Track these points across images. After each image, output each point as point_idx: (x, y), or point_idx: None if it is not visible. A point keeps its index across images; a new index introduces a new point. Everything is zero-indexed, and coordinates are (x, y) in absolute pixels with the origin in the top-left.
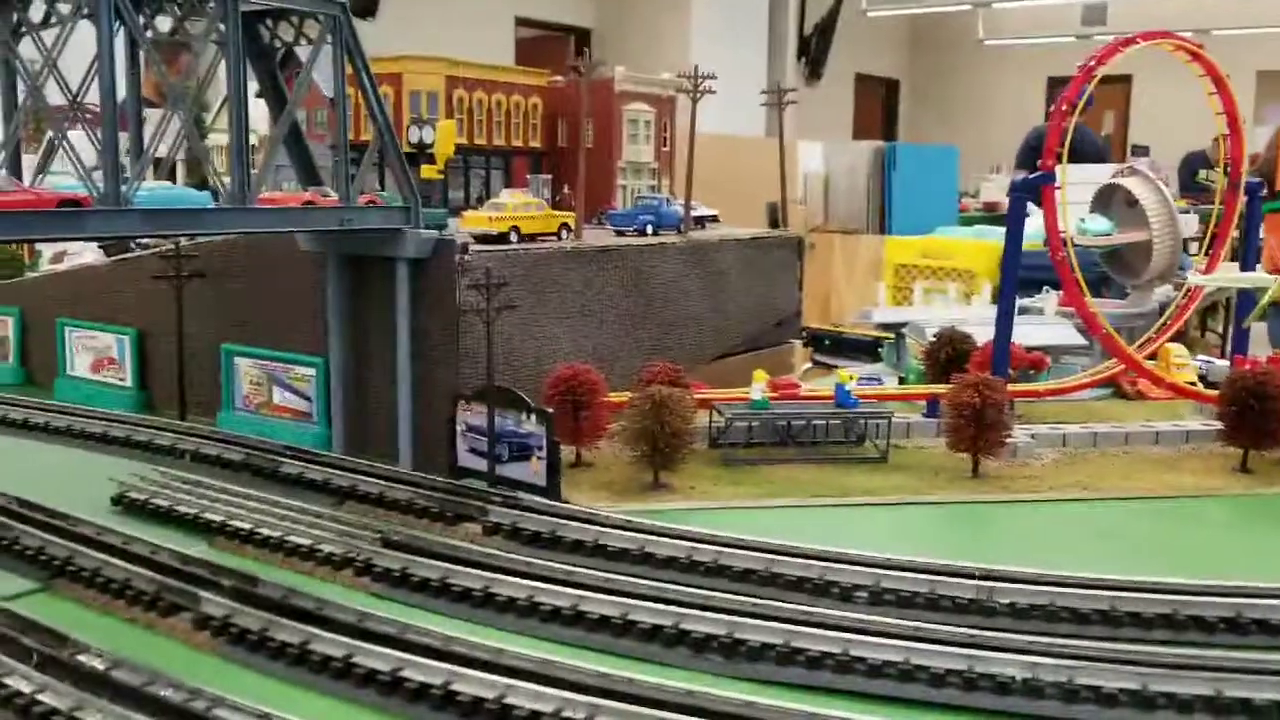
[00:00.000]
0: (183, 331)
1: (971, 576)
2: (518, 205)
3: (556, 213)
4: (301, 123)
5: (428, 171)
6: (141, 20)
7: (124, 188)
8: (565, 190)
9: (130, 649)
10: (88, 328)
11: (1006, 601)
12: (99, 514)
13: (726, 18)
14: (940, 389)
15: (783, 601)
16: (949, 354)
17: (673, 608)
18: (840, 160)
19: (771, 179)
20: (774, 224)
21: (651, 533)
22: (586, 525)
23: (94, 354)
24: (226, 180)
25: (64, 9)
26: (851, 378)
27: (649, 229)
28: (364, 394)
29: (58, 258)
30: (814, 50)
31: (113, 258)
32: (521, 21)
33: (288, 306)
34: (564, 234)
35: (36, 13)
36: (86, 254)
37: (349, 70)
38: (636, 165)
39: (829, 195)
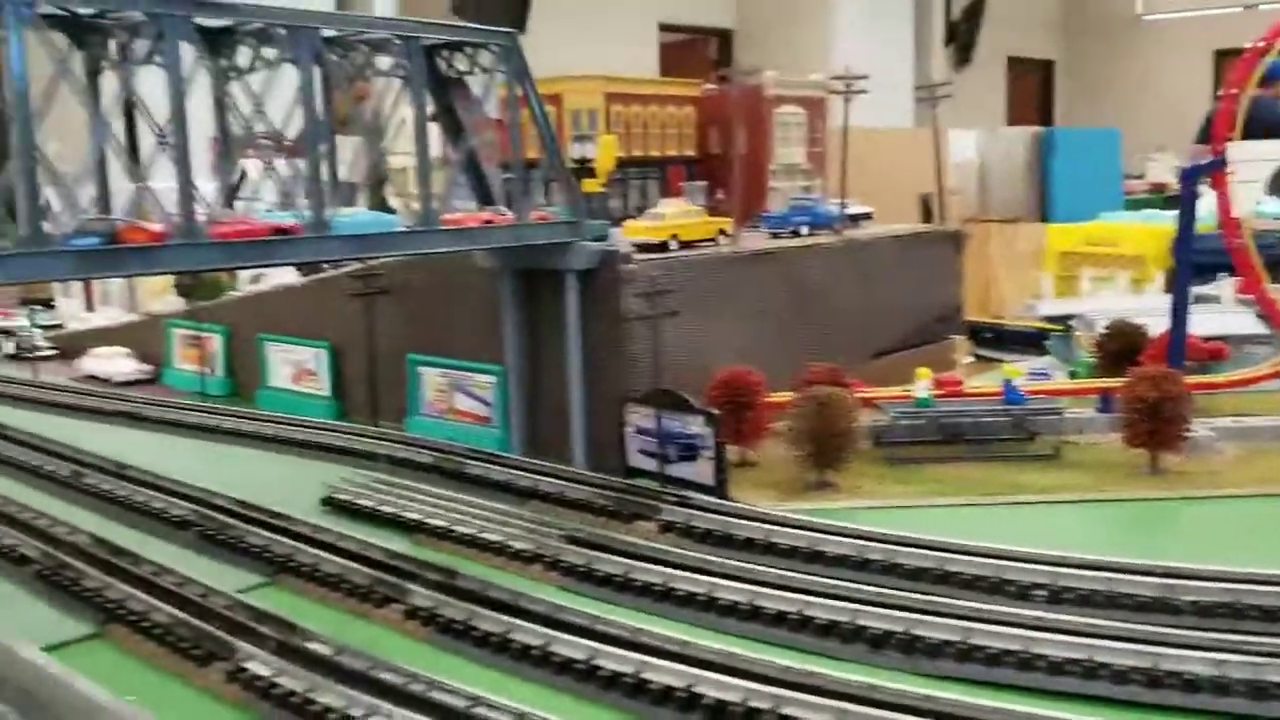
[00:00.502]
0: (373, 344)
1: (1152, 574)
2: (676, 214)
3: (713, 219)
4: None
5: (591, 185)
6: (334, 58)
7: (326, 215)
8: (719, 195)
9: (350, 637)
10: (286, 342)
11: (1190, 599)
12: (311, 514)
13: (871, 7)
14: (1113, 383)
15: (957, 599)
16: (1121, 346)
17: (848, 604)
18: (995, 148)
19: (923, 170)
20: (927, 215)
21: (822, 531)
22: (757, 524)
23: (293, 366)
24: (408, 200)
25: (269, 54)
26: (1021, 373)
27: (804, 230)
28: (539, 399)
29: (256, 278)
30: (962, 35)
31: (307, 277)
32: (665, 27)
33: (467, 318)
34: (721, 239)
35: (243, 58)
36: (283, 274)
37: (518, 94)
38: (789, 167)
39: (984, 184)
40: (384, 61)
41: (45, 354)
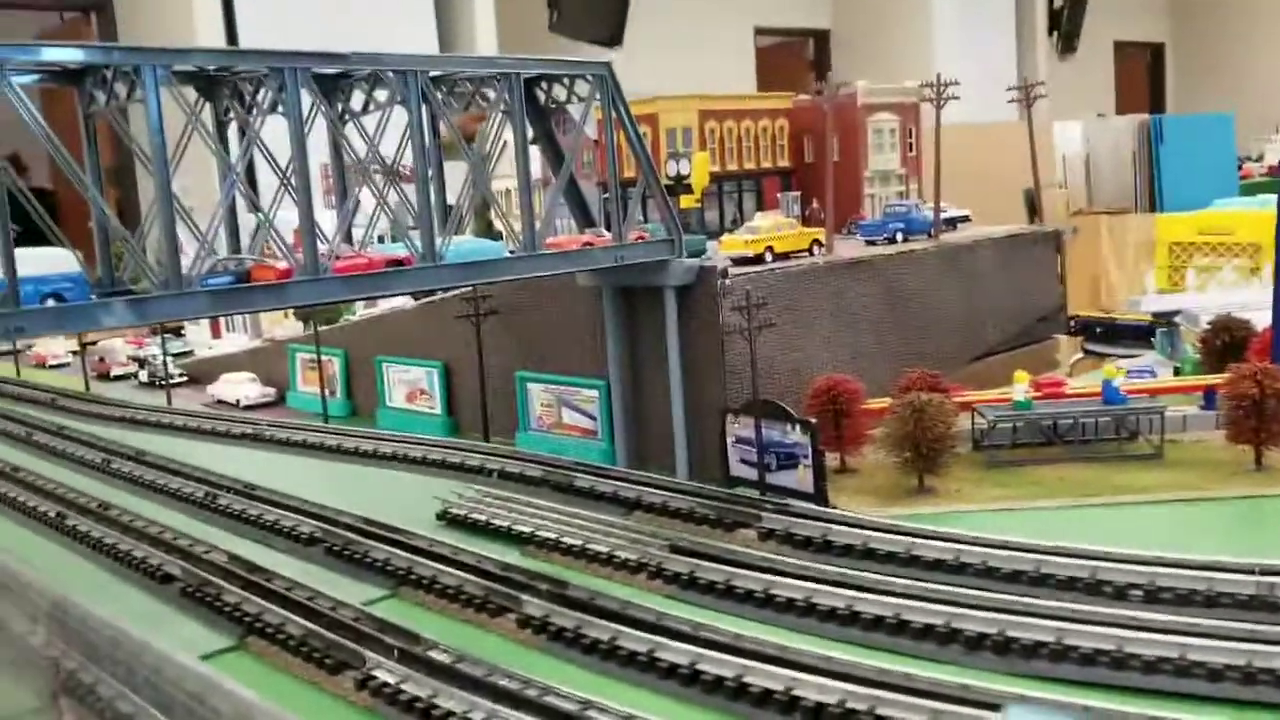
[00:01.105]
0: (483, 363)
1: (1251, 572)
2: (771, 226)
3: (808, 230)
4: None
5: (686, 201)
6: (440, 95)
7: (438, 245)
8: (814, 205)
9: (468, 645)
10: (402, 363)
11: None
12: (428, 528)
13: (970, 1)
14: (1216, 379)
15: (1054, 601)
16: (1226, 341)
17: (944, 607)
18: (1102, 139)
19: (1027, 164)
20: (1032, 210)
21: (919, 536)
22: (855, 530)
23: (407, 386)
24: (511, 223)
25: (381, 97)
26: (1120, 372)
27: (899, 236)
28: (642, 411)
29: (371, 303)
30: (1066, 22)
31: (419, 301)
32: (760, 31)
33: (571, 335)
34: (815, 250)
35: (356, 101)
36: (396, 299)
37: (612, 118)
38: (884, 173)
39: (1091, 176)
40: (487, 95)
41: (177, 381)
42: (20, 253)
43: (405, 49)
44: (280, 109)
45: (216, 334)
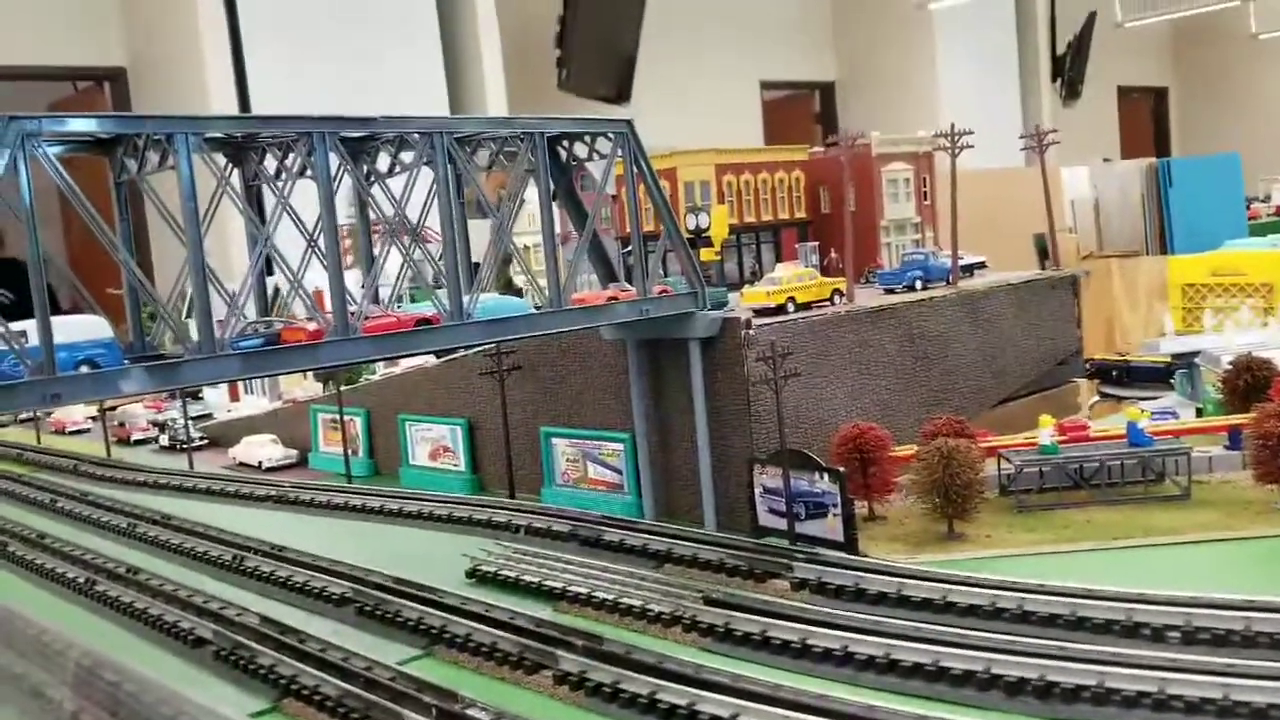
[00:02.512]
0: (507, 418)
1: None
2: (792, 277)
3: (828, 280)
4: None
5: (706, 255)
6: (464, 155)
7: (466, 303)
8: (832, 255)
9: (505, 702)
10: (424, 421)
11: None
12: (458, 586)
13: (973, 50)
14: (1242, 419)
15: (1092, 644)
16: (1248, 381)
17: (982, 653)
18: (1109, 183)
19: (1036, 209)
20: (1043, 255)
21: (952, 582)
22: (888, 577)
23: (431, 444)
24: (535, 279)
25: (407, 158)
26: (1144, 414)
27: (917, 284)
28: (668, 464)
29: (392, 362)
30: (1069, 69)
31: (441, 359)
32: (766, 85)
33: (595, 390)
34: (836, 299)
35: (382, 163)
36: (417, 357)
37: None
38: (899, 222)
39: (1100, 219)
40: (510, 155)
41: (198, 445)
42: (53, 320)
43: (416, 110)
44: (309, 172)
45: (235, 397)
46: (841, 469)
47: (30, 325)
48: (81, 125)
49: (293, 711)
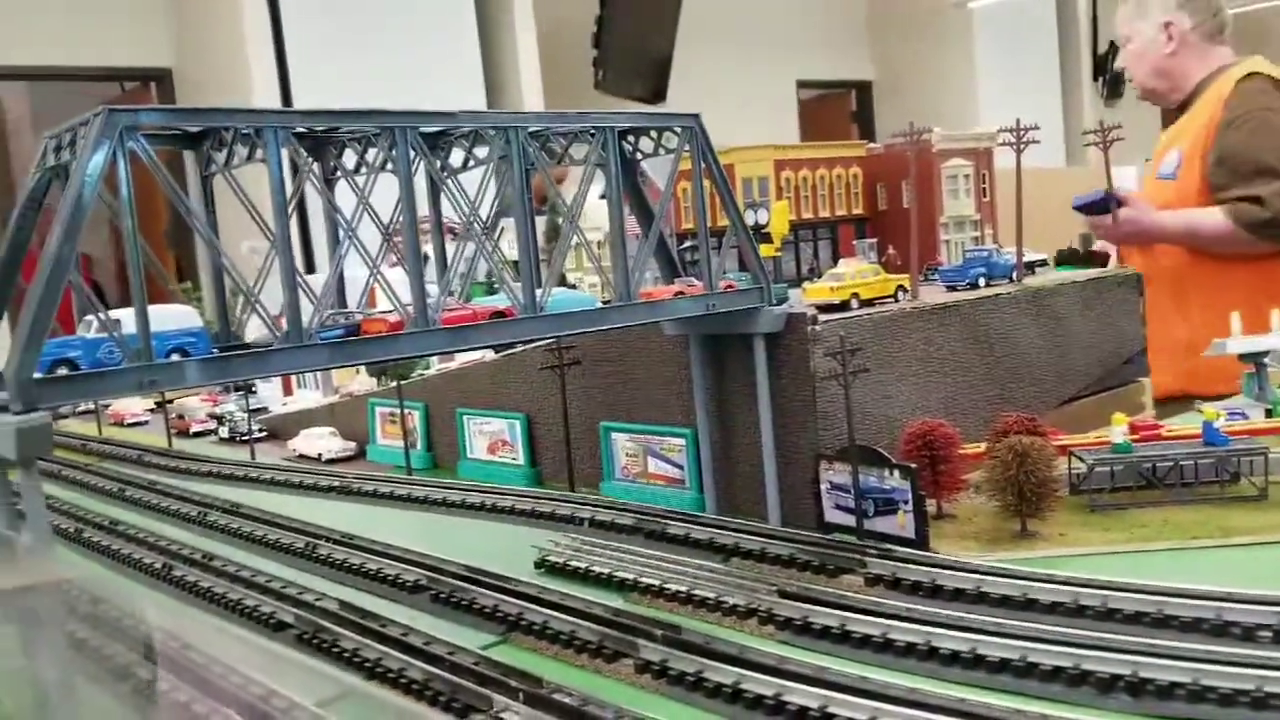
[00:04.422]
0: (566, 412)
1: None
2: (855, 273)
3: (892, 276)
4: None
5: (766, 250)
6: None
7: (538, 296)
8: (890, 251)
9: (588, 689)
10: (483, 415)
11: None
12: (529, 575)
13: (1012, 49)
14: None
15: (1181, 642)
16: None
17: (1069, 649)
18: None
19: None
20: (1090, 255)
21: (1031, 579)
22: (965, 574)
23: (489, 438)
24: (605, 274)
25: (480, 154)
26: (1220, 414)
27: (981, 281)
28: (731, 459)
29: (448, 356)
30: (1111, 68)
31: (501, 353)
32: (803, 84)
33: (656, 384)
34: (900, 295)
35: (455, 158)
36: (474, 352)
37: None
38: (959, 219)
39: None
40: (579, 150)
41: (257, 437)
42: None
43: (456, 107)
44: (390, 167)
45: (288, 391)
46: (912, 465)
47: (124, 314)
48: (175, 119)
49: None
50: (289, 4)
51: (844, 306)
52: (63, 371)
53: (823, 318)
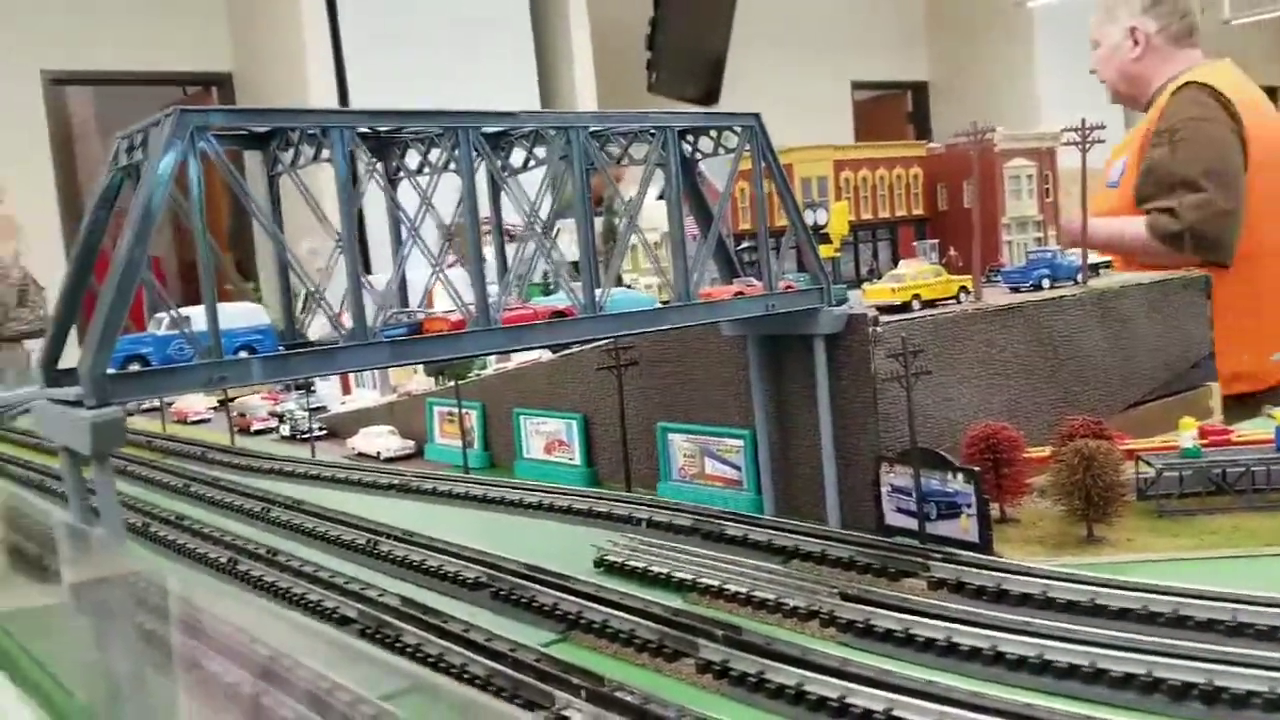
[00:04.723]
0: (623, 413)
1: None
2: (917, 274)
3: (955, 277)
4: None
5: (825, 251)
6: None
7: (598, 296)
8: (951, 253)
9: (649, 688)
10: (539, 415)
11: None
12: (587, 574)
13: (1072, 48)
14: None
15: (1255, 650)
16: None
17: (1140, 655)
18: None
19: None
20: None
21: (1099, 584)
22: (1031, 578)
23: (545, 437)
24: (664, 273)
25: (539, 153)
26: None
27: (1045, 282)
28: (789, 460)
29: (504, 357)
30: None
31: (558, 354)
32: (858, 85)
33: (714, 385)
34: (963, 297)
35: (515, 157)
36: (530, 352)
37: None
38: (1021, 220)
39: None
40: (638, 149)
41: (318, 434)
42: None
43: (509, 108)
44: (454, 166)
45: (347, 390)
46: (976, 468)
47: (194, 311)
48: (243, 119)
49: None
50: (346, 7)
51: (905, 308)
52: (134, 368)
53: (884, 319)
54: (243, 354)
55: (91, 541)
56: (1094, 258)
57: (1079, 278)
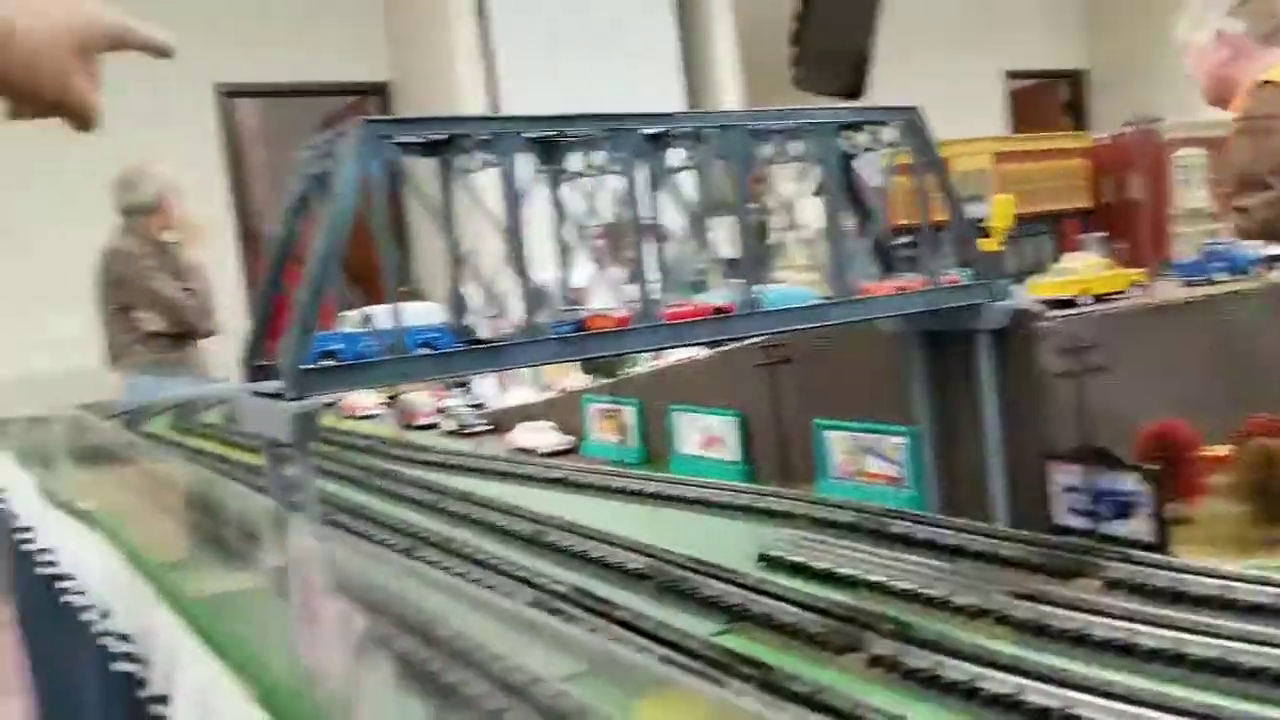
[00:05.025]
0: (779, 410)
1: None
2: (1086, 267)
3: (1125, 271)
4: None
5: (988, 245)
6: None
7: (758, 292)
8: (1118, 246)
9: (820, 680)
10: (695, 412)
11: None
12: (750, 568)
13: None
14: None
15: None
16: None
17: None
18: None
19: None
20: None
21: None
22: (1210, 580)
23: (701, 434)
24: (820, 270)
25: (697, 154)
26: None
27: (1219, 276)
28: (952, 458)
29: (658, 354)
30: None
31: (713, 351)
32: (1011, 74)
33: (871, 381)
34: (1133, 291)
35: (673, 159)
36: (686, 350)
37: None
38: (1192, 211)
39: None
40: (794, 146)
41: (481, 430)
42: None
43: (655, 109)
44: (618, 168)
45: (504, 387)
46: (1152, 466)
47: (377, 310)
48: (422, 127)
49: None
50: (495, 12)
51: (1073, 302)
52: (328, 363)
53: (1053, 314)
54: (423, 350)
55: (291, 527)
56: (1273, 249)
57: (1256, 270)
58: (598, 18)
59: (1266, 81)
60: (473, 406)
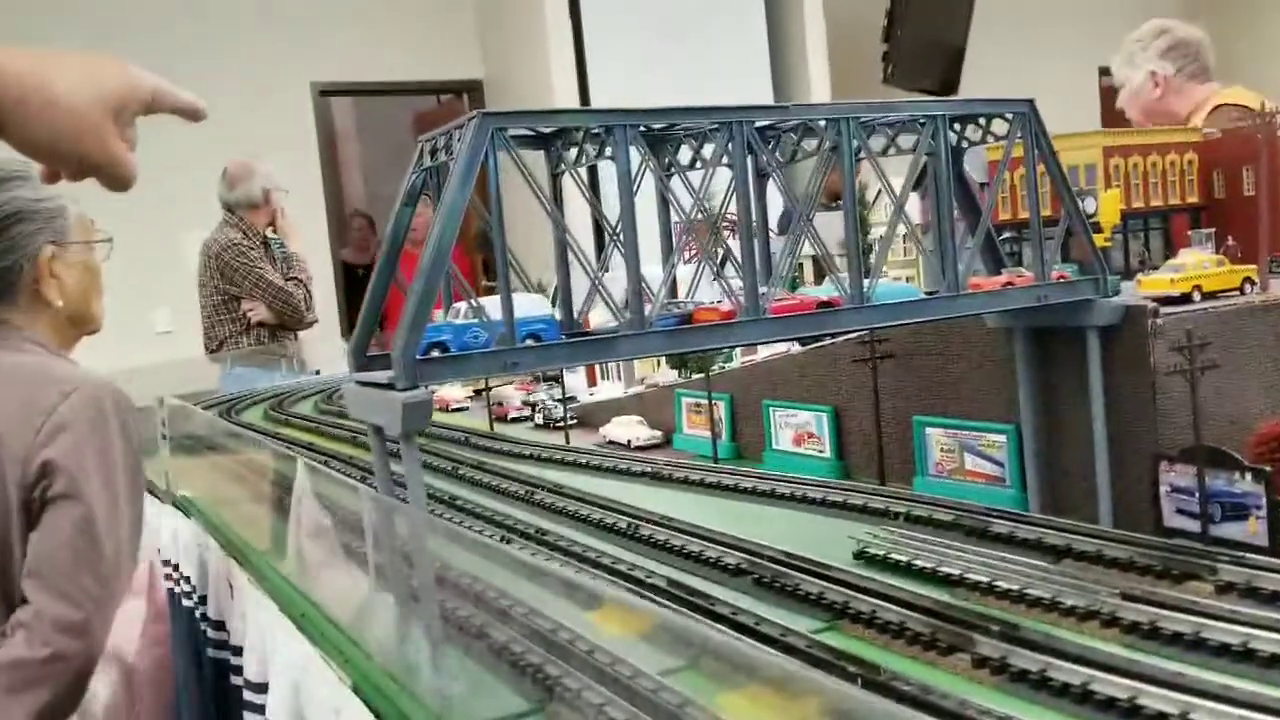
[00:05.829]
0: (877, 406)
1: None
2: (1197, 264)
3: (1239, 268)
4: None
5: (1096, 240)
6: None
7: (865, 286)
8: (1230, 242)
9: (924, 680)
10: (788, 407)
11: None
12: (848, 565)
13: None
14: None
15: None
16: None
17: None
18: None
19: None
20: None
21: None
22: None
23: (794, 429)
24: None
25: (808, 146)
26: None
27: None
28: (1056, 457)
29: (750, 349)
30: None
31: (808, 346)
32: (1106, 71)
33: (973, 378)
34: (1248, 288)
35: (782, 151)
36: (779, 344)
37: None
38: None
39: None
40: (905, 139)
41: (570, 423)
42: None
43: (742, 101)
44: (726, 160)
45: (593, 381)
46: (1267, 468)
47: (487, 302)
48: (534, 121)
49: (713, 670)
50: (588, 10)
51: (1185, 299)
52: (436, 354)
53: (1166, 311)
54: (530, 341)
55: (397, 518)
56: None
57: None
58: (688, 11)
59: (1220, 105)
60: (561, 400)
